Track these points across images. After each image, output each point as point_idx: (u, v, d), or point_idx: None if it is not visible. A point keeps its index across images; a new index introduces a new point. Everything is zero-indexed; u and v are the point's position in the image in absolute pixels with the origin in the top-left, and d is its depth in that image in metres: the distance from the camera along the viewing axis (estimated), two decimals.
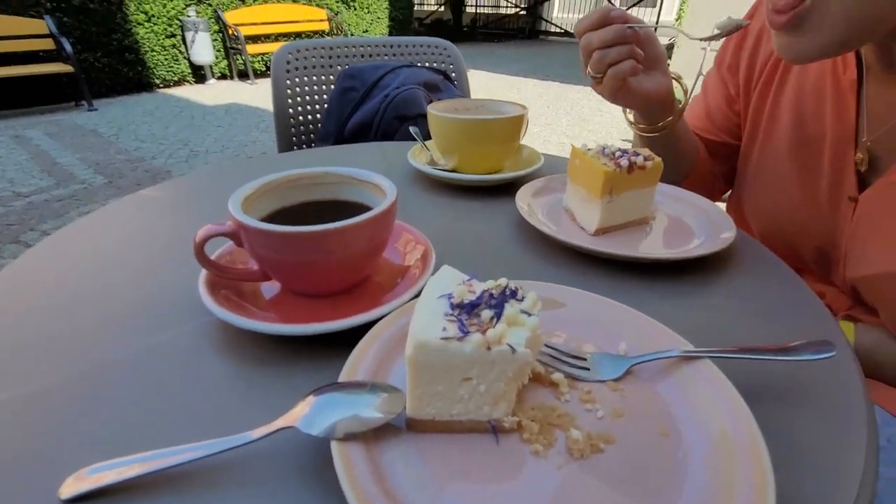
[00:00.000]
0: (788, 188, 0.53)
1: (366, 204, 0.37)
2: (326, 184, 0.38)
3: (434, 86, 1.04)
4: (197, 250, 0.30)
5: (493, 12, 12.61)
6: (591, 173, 0.43)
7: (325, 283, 0.33)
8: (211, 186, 0.59)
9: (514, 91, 5.49)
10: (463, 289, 0.25)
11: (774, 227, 0.56)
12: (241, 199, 0.32)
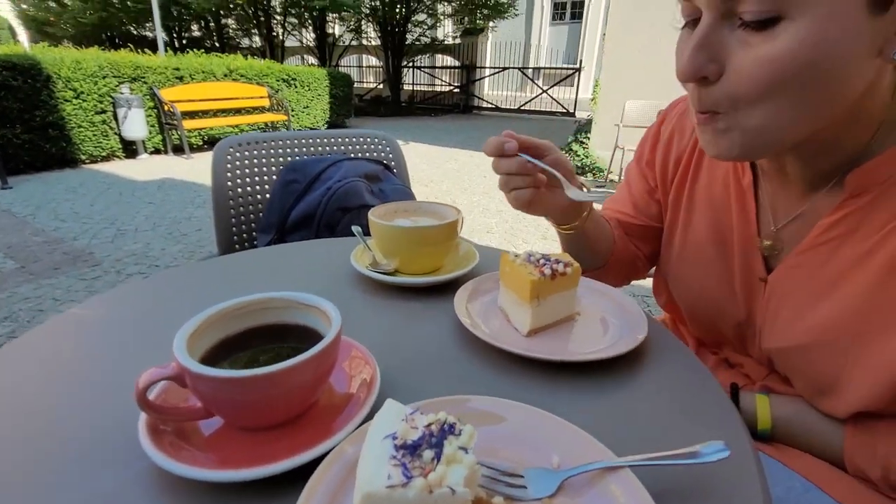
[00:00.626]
0: (707, 272, 0.59)
1: (311, 327, 0.39)
2: (272, 308, 0.40)
3: (374, 176, 1.10)
4: (139, 397, 0.30)
5: (429, 89, 13.51)
6: (520, 281, 0.48)
7: (270, 418, 0.33)
8: (150, 299, 0.58)
9: (452, 161, 5.80)
10: (406, 427, 0.27)
11: (698, 306, 0.63)
12: (186, 339, 0.33)
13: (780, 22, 0.34)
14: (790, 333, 0.51)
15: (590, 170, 5.18)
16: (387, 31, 11.24)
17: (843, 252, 0.46)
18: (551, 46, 15.02)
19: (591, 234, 0.63)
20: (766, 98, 0.37)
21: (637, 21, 4.67)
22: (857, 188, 0.44)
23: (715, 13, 0.37)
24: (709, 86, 0.39)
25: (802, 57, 0.34)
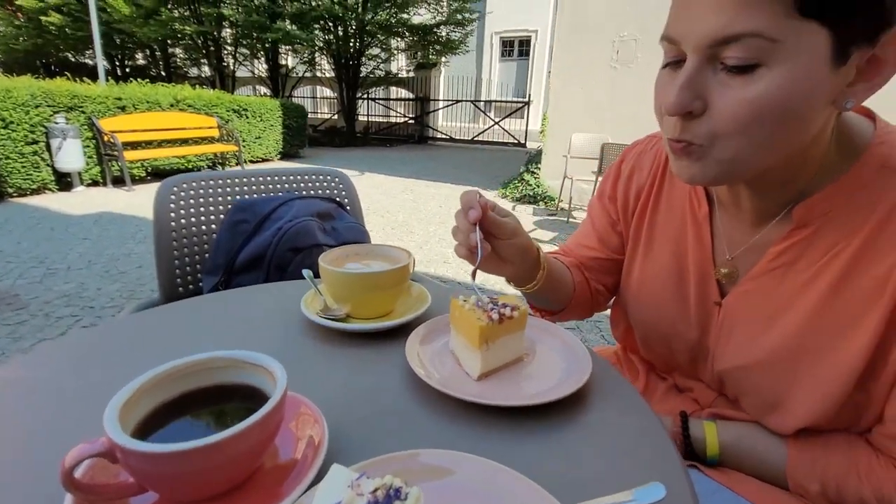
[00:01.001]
0: (665, 297, 0.63)
1: (256, 387, 0.38)
2: (213, 369, 0.39)
3: (327, 214, 1.10)
4: (65, 477, 0.28)
5: (384, 120, 13.68)
6: (469, 326, 0.49)
7: (209, 490, 0.32)
8: (79, 360, 0.54)
9: (409, 192, 5.84)
10: (352, 495, 0.27)
11: (654, 331, 0.66)
12: (118, 409, 0.31)
13: (758, 68, 0.38)
14: (742, 354, 0.55)
15: (541, 199, 5.37)
16: (341, 64, 11.35)
17: (790, 278, 0.51)
18: (501, 81, 15.69)
19: (549, 287, 0.66)
20: (741, 134, 0.41)
21: (578, 61, 4.98)
22: (803, 220, 0.49)
23: (701, 56, 0.41)
24: (692, 120, 0.43)
25: (776, 100, 0.39)
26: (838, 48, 0.38)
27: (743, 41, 0.38)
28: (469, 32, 12.15)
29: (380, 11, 10.59)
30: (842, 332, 0.47)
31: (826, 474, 0.51)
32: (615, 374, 0.53)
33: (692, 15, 0.40)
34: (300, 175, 1.22)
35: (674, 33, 0.43)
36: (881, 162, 0.45)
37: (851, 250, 0.46)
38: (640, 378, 0.75)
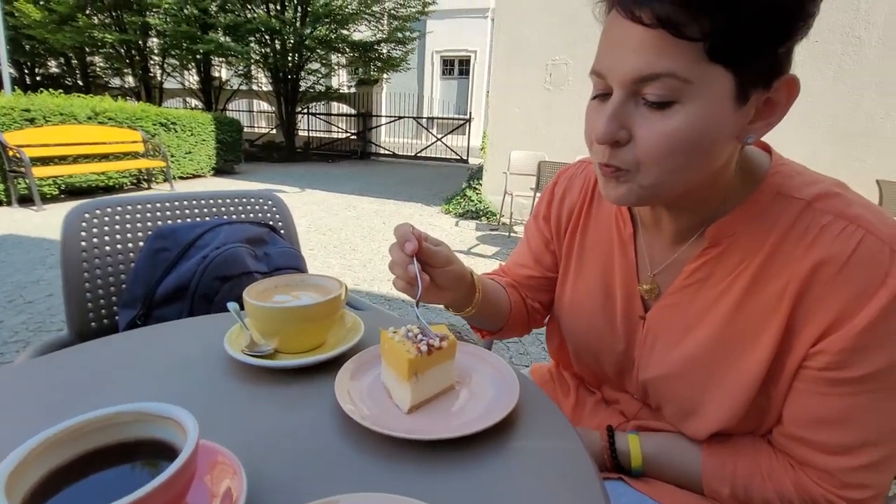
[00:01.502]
0: (594, 312, 0.66)
1: (165, 441, 0.35)
2: (118, 424, 0.36)
3: (259, 240, 1.06)
4: None
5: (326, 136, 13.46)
6: (398, 359, 0.49)
7: None
8: None
9: (352, 209, 5.76)
10: None
11: (585, 345, 0.69)
12: (5, 479, 0.28)
13: (674, 105, 0.43)
14: (663, 364, 0.59)
15: (483, 214, 5.49)
16: (279, 78, 11.07)
17: (704, 293, 0.55)
18: (443, 98, 16.00)
19: (486, 308, 0.68)
20: (661, 162, 0.45)
21: (514, 82, 5.19)
22: (713, 240, 0.53)
23: (625, 91, 0.45)
24: (619, 148, 0.47)
25: (689, 133, 0.43)
26: (740, 90, 0.43)
27: (660, 80, 0.42)
28: (410, 51, 12.31)
29: (319, 27, 10.48)
30: (746, 343, 0.52)
31: (735, 477, 0.55)
32: (542, 397, 0.55)
33: (617, 54, 0.45)
34: (229, 199, 1.17)
35: (601, 68, 0.47)
36: (776, 190, 0.51)
37: (753, 268, 0.51)
38: (572, 393, 0.79)
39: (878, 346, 0.45)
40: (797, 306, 0.48)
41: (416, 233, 0.54)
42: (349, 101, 12.98)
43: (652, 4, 0.40)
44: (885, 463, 0.49)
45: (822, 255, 0.46)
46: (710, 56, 0.41)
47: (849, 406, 0.48)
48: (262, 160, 10.84)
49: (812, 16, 0.42)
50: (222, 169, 8.17)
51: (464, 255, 4.05)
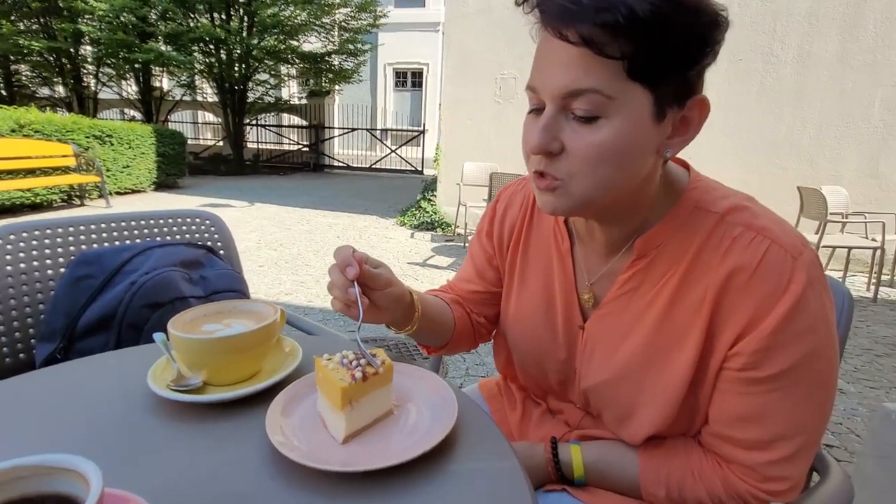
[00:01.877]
0: (537, 323, 0.68)
1: (67, 495, 0.33)
2: (15, 480, 0.33)
3: (195, 262, 1.01)
4: None
5: (277, 147, 13.13)
6: (331, 388, 0.48)
7: None
8: None
9: (305, 223, 5.63)
10: None
11: (529, 356, 0.71)
12: None
13: (599, 119, 0.46)
14: (601, 371, 0.61)
15: (439, 225, 5.51)
16: (225, 89, 10.71)
17: (635, 301, 0.58)
18: (396, 110, 16.03)
19: (428, 326, 0.68)
20: (591, 172, 0.48)
21: (465, 95, 5.29)
22: (641, 251, 0.56)
23: (556, 106, 0.48)
24: (552, 159, 0.49)
25: (614, 145, 0.47)
26: (658, 107, 0.47)
27: (586, 95, 0.46)
28: (362, 62, 12.27)
29: (267, 37, 10.25)
30: (674, 347, 0.55)
31: (669, 478, 0.58)
32: (481, 415, 0.56)
33: (547, 71, 0.48)
34: (163, 219, 1.12)
35: (534, 84, 0.50)
36: (693, 204, 0.55)
37: (677, 277, 0.54)
38: (518, 406, 0.80)
39: (785, 346, 0.49)
40: (716, 312, 0.52)
41: (357, 255, 0.54)
42: (300, 112, 12.73)
43: (577, 25, 0.43)
44: (800, 455, 0.53)
45: (734, 264, 0.50)
46: (629, 75, 0.45)
47: (763, 403, 0.51)
48: (209, 173, 10.41)
49: (717, 43, 0.46)
50: (164, 183, 7.79)
51: (419, 266, 4.04)
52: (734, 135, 4.56)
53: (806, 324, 0.49)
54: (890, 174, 4.27)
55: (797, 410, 0.52)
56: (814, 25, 4.26)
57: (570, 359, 0.66)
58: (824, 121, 4.36)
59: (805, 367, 0.50)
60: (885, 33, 4.10)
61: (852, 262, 4.17)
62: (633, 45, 0.43)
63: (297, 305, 3.04)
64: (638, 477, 0.60)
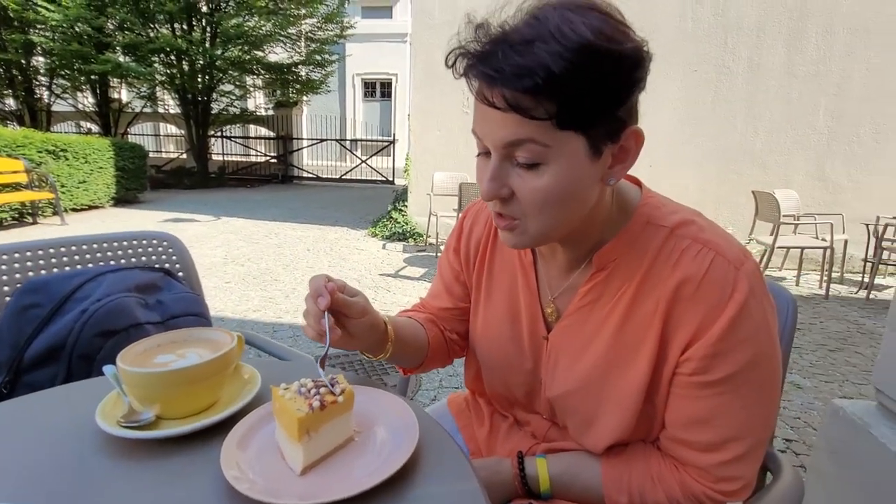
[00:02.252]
0: (504, 336, 0.70)
1: None
2: None
3: (151, 286, 0.98)
4: None
5: (244, 159, 12.87)
6: (288, 418, 0.47)
7: None
8: None
9: (273, 236, 5.53)
10: None
11: (497, 368, 0.72)
12: None
13: (541, 166, 0.49)
14: (565, 381, 0.63)
15: (410, 235, 5.51)
16: (187, 100, 10.44)
17: (595, 313, 0.60)
18: (366, 120, 15.99)
19: (402, 350, 0.69)
20: (540, 213, 0.51)
21: (434, 106, 5.33)
22: (599, 265, 0.59)
23: (500, 154, 0.50)
24: (506, 202, 0.52)
25: (557, 188, 0.50)
26: (593, 147, 0.49)
27: (524, 145, 0.48)
28: (330, 73, 12.20)
29: (231, 48, 10.07)
30: (631, 355, 0.57)
31: (631, 485, 0.60)
32: (444, 437, 0.56)
33: (486, 124, 0.50)
34: (117, 241, 1.08)
35: (478, 132, 0.52)
36: (645, 219, 0.58)
37: (632, 288, 0.57)
38: (486, 421, 0.81)
39: (731, 352, 0.52)
40: (667, 320, 0.55)
41: (332, 285, 0.55)
42: (267, 123, 12.53)
43: (502, 90, 0.46)
44: (750, 455, 0.56)
45: (683, 275, 0.53)
46: (559, 126, 0.47)
47: (714, 406, 0.54)
48: (172, 187, 10.10)
49: (640, 80, 0.48)
50: (124, 198, 7.52)
51: (392, 277, 4.02)
52: (691, 142, 4.76)
53: (749, 331, 0.52)
54: (835, 177, 4.53)
55: (745, 412, 0.54)
56: (762, 38, 4.50)
57: (536, 369, 0.68)
58: (774, 128, 4.60)
59: (750, 370, 0.53)
60: (826, 46, 4.37)
61: (805, 262, 4.39)
62: (556, 104, 0.45)
63: (266, 322, 2.98)
64: (601, 486, 0.62)
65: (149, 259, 1.11)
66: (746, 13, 4.49)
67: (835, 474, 1.06)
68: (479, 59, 0.47)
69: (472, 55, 0.48)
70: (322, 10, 10.98)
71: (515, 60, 0.44)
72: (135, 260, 1.09)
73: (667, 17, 4.63)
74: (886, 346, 1.00)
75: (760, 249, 4.12)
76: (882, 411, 1.02)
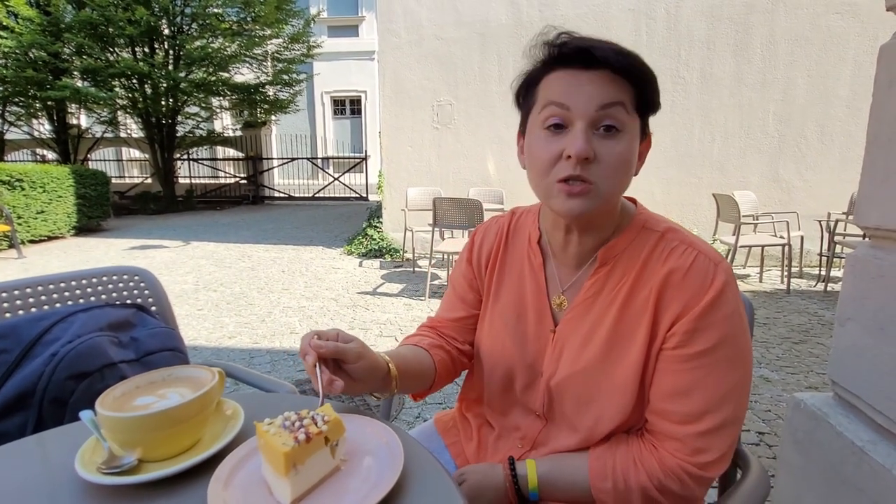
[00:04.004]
0: (509, 329, 0.76)
1: None
2: None
3: (124, 324, 0.97)
4: None
5: (212, 182, 12.63)
6: (273, 453, 0.48)
7: None
8: None
9: (246, 259, 5.43)
10: None
11: (498, 365, 0.77)
12: None
13: (619, 133, 0.60)
14: (569, 366, 0.69)
15: (387, 252, 5.50)
16: (151, 124, 10.20)
17: (598, 304, 0.68)
18: (337, 138, 15.94)
19: (408, 384, 0.73)
20: (614, 175, 0.61)
21: (403, 122, 5.38)
22: (603, 260, 0.68)
23: (590, 119, 0.59)
24: (586, 164, 0.59)
25: (628, 154, 0.61)
26: (641, 132, 0.64)
27: (615, 107, 0.59)
28: (298, 92, 12.15)
29: (195, 70, 9.93)
30: (628, 339, 0.65)
31: (615, 470, 0.64)
32: (429, 460, 0.57)
33: (582, 91, 0.59)
34: (86, 279, 1.06)
35: (567, 101, 0.60)
36: (642, 224, 0.69)
37: (630, 280, 0.66)
38: (474, 436, 0.84)
39: (709, 328, 0.61)
40: (658, 304, 0.63)
41: (318, 342, 0.59)
42: (236, 144, 12.34)
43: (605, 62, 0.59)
44: (724, 430, 0.61)
45: (671, 266, 0.63)
46: (635, 106, 0.61)
47: (692, 379, 0.61)
48: (137, 213, 9.83)
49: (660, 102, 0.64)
50: (87, 227, 7.27)
51: (370, 295, 4.00)
52: (654, 149, 4.90)
53: (725, 313, 0.61)
54: (788, 178, 4.78)
55: (720, 386, 0.61)
56: (712, 50, 4.74)
57: (538, 361, 0.74)
58: (729, 133, 4.83)
59: (725, 347, 0.61)
60: (771, 56, 4.64)
61: (767, 258, 4.60)
62: (634, 88, 0.60)
63: (243, 349, 2.92)
64: (587, 476, 0.66)
65: (120, 295, 1.09)
66: (696, 27, 4.73)
67: (800, 464, 1.12)
68: (578, 39, 0.60)
69: (573, 36, 0.61)
70: (288, 31, 10.96)
71: (615, 47, 0.59)
72: (105, 297, 1.07)
73: (623, 31, 4.84)
74: (837, 340, 1.07)
75: (724, 249, 4.30)
76: (839, 402, 1.09)
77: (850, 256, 1.05)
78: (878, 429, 0.96)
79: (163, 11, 9.33)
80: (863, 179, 1.03)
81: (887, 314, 0.93)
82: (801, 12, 4.53)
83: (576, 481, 0.67)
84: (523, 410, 0.77)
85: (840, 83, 4.55)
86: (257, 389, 0.97)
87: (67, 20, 8.73)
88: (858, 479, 0.93)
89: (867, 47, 4.42)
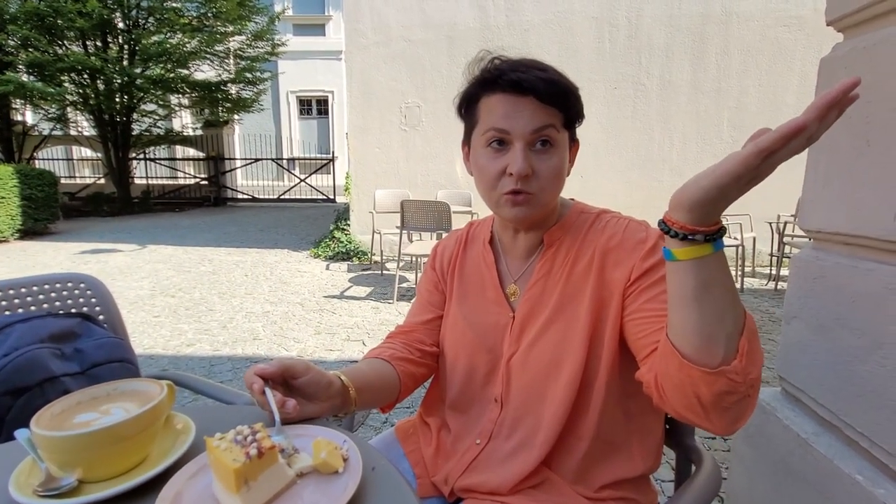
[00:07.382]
0: (470, 322, 0.82)
1: None
2: None
3: (67, 334, 0.91)
4: None
5: (171, 182, 12.16)
6: (223, 470, 0.46)
7: None
8: None
9: (207, 262, 5.26)
10: None
11: (461, 353, 0.82)
12: None
13: (552, 148, 0.69)
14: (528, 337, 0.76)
15: (354, 254, 5.43)
16: (104, 121, 9.72)
17: (549, 283, 0.76)
18: (303, 139, 15.64)
19: (371, 398, 0.76)
20: (550, 185, 0.70)
21: (371, 124, 5.33)
22: (549, 242, 0.77)
23: (527, 140, 0.68)
24: (526, 179, 0.68)
25: (560, 165, 0.71)
26: (570, 143, 0.74)
27: (548, 129, 0.68)
28: (262, 91, 11.84)
29: (152, 66, 9.53)
30: (575, 304, 0.73)
31: None
32: (390, 470, 0.57)
33: (520, 117, 0.68)
34: (25, 287, 0.99)
35: (506, 126, 0.68)
36: (579, 210, 0.79)
37: (573, 254, 0.75)
38: (432, 440, 0.85)
39: (661, 262, 0.67)
40: (603, 268, 0.72)
41: (261, 367, 0.62)
42: (196, 144, 11.91)
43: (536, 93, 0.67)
44: None
45: (609, 233, 0.73)
46: (563, 125, 0.70)
47: None
48: (89, 215, 9.36)
49: (584, 112, 0.74)
50: (33, 230, 6.87)
51: (337, 299, 3.94)
52: (614, 153, 5.09)
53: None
54: None
55: None
56: (670, 58, 4.93)
57: (498, 345, 0.79)
58: (686, 138, 5.03)
59: None
60: (725, 65, 4.87)
61: None
62: (560, 109, 0.69)
63: (202, 357, 2.81)
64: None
65: (64, 304, 1.03)
66: (656, 35, 4.90)
67: (752, 456, 1.17)
68: (511, 69, 0.67)
69: (506, 66, 0.69)
70: (251, 28, 10.68)
71: (543, 75, 0.67)
72: (48, 306, 1.01)
73: (587, 39, 4.96)
74: (784, 337, 1.13)
75: None
76: (786, 396, 1.15)
77: (794, 258, 1.10)
78: (822, 421, 1.01)
79: (116, 4, 8.92)
80: (805, 184, 1.08)
81: (828, 313, 0.99)
82: (753, 24, 4.77)
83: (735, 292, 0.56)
84: (482, 404, 0.80)
85: (788, 92, 4.82)
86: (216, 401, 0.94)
87: (12, 10, 8.21)
88: (803, 470, 0.98)
89: (812, 58, 4.69)
